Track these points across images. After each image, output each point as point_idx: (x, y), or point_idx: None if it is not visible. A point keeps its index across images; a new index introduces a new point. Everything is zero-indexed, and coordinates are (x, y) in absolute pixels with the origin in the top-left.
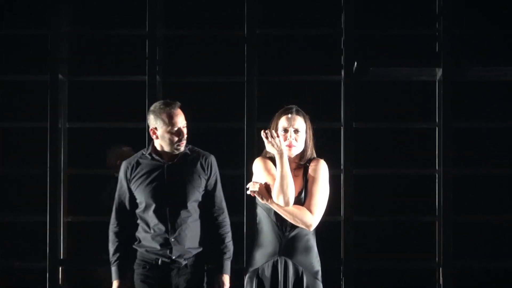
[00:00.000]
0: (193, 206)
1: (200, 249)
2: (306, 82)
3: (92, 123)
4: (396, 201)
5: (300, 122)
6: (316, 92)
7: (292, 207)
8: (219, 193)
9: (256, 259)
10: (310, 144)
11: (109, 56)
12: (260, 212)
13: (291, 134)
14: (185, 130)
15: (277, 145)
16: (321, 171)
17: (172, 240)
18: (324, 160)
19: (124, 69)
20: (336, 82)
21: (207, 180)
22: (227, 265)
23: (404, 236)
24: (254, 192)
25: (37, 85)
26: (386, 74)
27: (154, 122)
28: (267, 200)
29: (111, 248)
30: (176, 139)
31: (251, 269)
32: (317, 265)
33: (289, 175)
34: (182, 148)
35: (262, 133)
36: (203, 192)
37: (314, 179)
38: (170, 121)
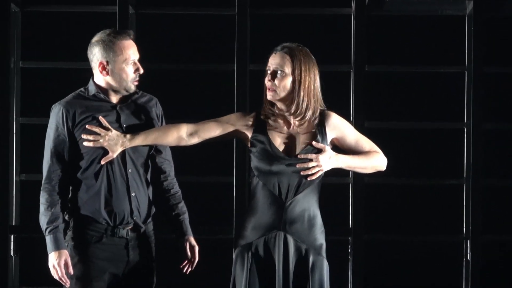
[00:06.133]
0: (149, 157)
1: (153, 210)
2: (308, 16)
3: (50, 62)
4: (414, 161)
5: (280, 61)
6: (321, 28)
7: (363, 159)
8: None
9: (249, 232)
10: (304, 91)
11: None
12: (255, 174)
13: (268, 76)
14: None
15: None
16: (343, 121)
17: (133, 195)
18: (331, 110)
19: None
20: (346, 16)
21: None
22: (189, 226)
23: (425, 203)
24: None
25: None
26: (404, 7)
27: (103, 55)
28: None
29: (49, 210)
30: (133, 74)
31: (242, 243)
32: (320, 237)
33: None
34: (134, 87)
35: None
36: None
37: (344, 130)
38: (126, 51)
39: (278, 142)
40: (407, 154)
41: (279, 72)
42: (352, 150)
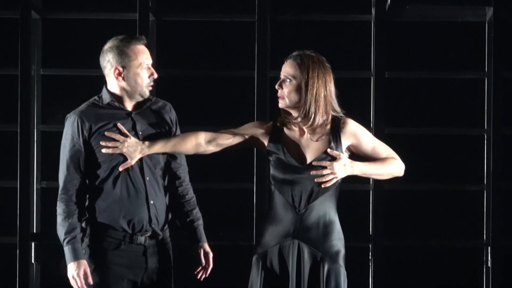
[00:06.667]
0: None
1: (170, 217)
2: (328, 23)
3: (70, 70)
4: (434, 167)
5: (289, 69)
6: (341, 34)
7: (379, 166)
8: None
9: (266, 238)
10: (311, 97)
11: None
12: (272, 182)
13: (277, 84)
14: None
15: None
16: (360, 127)
17: (151, 203)
18: (351, 116)
19: (110, 4)
20: (366, 23)
21: (174, 134)
22: (203, 232)
23: (445, 209)
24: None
25: (5, 23)
26: (424, 13)
27: (118, 60)
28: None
29: (66, 220)
30: (148, 79)
31: (259, 250)
32: (338, 244)
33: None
34: (148, 92)
35: None
36: None
37: (360, 137)
38: (141, 56)
39: (292, 150)
40: (428, 160)
41: (287, 80)
42: (369, 157)
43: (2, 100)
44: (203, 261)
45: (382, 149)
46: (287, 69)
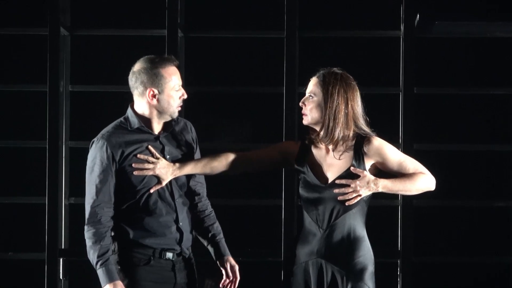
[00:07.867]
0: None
1: (193, 235)
2: (357, 39)
3: (98, 86)
4: (463, 183)
5: (312, 87)
6: (369, 50)
7: (405, 182)
8: None
9: (296, 257)
10: (330, 114)
11: (121, 5)
12: (300, 200)
13: (301, 102)
14: None
15: None
16: (385, 145)
17: (181, 224)
18: (380, 132)
19: (139, 21)
20: (394, 39)
21: (195, 153)
22: (226, 246)
23: (474, 225)
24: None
25: (34, 40)
26: (453, 29)
27: (153, 82)
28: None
29: (97, 244)
30: (178, 100)
31: (289, 268)
32: (364, 261)
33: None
34: (177, 112)
35: None
36: None
37: (384, 154)
38: (175, 77)
39: (316, 169)
40: (456, 176)
41: (310, 97)
42: (396, 173)
43: (31, 117)
44: (230, 274)
45: (410, 164)
46: (310, 86)
